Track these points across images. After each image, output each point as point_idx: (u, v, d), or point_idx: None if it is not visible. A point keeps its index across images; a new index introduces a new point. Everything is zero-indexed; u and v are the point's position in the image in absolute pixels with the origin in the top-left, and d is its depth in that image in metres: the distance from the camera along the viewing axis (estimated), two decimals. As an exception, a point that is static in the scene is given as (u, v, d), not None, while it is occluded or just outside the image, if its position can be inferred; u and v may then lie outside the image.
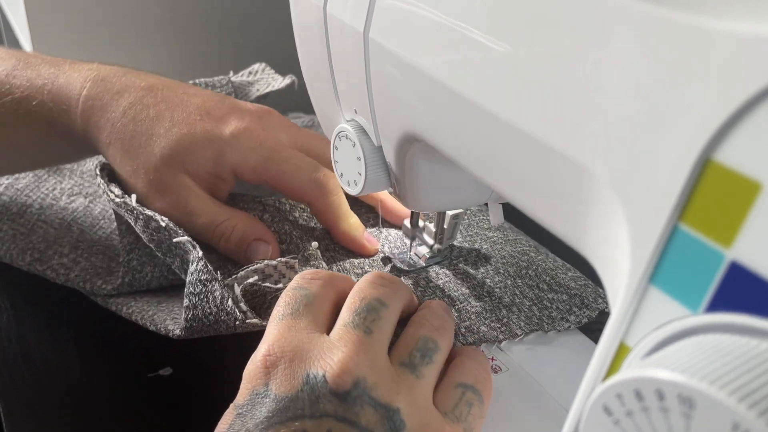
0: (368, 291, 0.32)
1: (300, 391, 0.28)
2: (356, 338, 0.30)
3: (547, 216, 0.24)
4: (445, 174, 0.35)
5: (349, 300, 0.32)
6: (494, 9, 0.23)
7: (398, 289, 0.34)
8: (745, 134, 0.16)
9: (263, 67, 0.59)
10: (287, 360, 0.29)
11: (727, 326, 0.16)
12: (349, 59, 0.32)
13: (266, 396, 0.28)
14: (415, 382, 0.30)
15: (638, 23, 0.18)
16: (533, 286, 0.42)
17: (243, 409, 0.28)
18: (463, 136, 0.26)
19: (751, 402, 0.14)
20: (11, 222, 0.46)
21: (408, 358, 0.31)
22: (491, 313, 0.39)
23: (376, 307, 0.32)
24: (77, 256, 0.44)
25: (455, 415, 0.30)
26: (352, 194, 0.37)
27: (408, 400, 0.29)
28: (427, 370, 0.31)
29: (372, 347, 0.30)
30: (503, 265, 0.44)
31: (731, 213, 0.16)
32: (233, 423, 0.28)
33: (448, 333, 0.34)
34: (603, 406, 0.17)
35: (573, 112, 0.20)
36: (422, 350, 0.31)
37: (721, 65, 0.16)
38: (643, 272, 0.18)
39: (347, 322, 0.31)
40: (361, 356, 0.29)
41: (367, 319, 0.31)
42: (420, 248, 0.44)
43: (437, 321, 0.34)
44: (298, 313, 0.31)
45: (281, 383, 0.28)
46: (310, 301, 0.32)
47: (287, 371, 0.28)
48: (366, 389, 0.28)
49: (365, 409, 0.28)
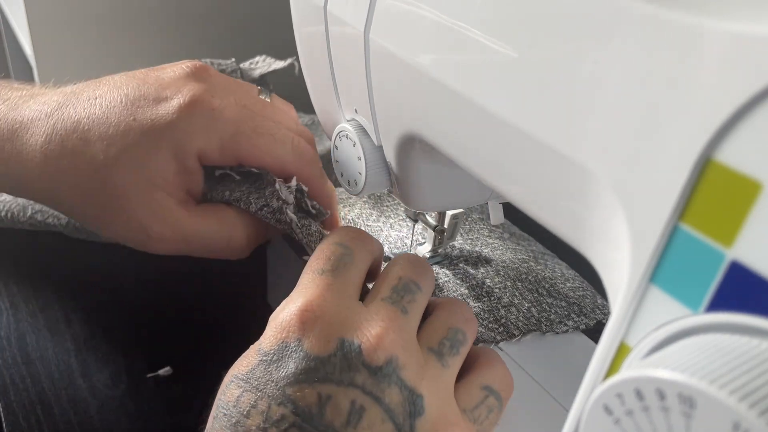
0: (407, 271, 0.32)
1: (333, 355, 0.27)
2: (393, 315, 0.30)
3: (547, 216, 0.24)
4: (445, 174, 0.35)
5: (387, 275, 0.32)
6: (494, 9, 0.23)
7: (430, 276, 0.33)
8: (745, 134, 0.16)
9: (264, 58, 0.60)
10: (325, 321, 0.28)
11: (727, 326, 0.16)
12: (349, 59, 0.32)
13: (297, 351, 0.27)
14: (441, 371, 0.30)
15: (638, 23, 0.18)
16: (532, 290, 0.42)
17: (269, 357, 0.28)
18: (464, 136, 0.26)
19: (751, 401, 0.14)
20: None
21: (437, 346, 0.30)
22: (490, 314, 0.39)
23: (413, 290, 0.31)
24: None
25: (473, 416, 0.30)
26: (353, 194, 0.37)
27: (432, 388, 0.29)
28: (453, 361, 0.31)
29: (407, 327, 0.30)
30: (503, 269, 0.44)
31: (731, 213, 0.16)
32: (255, 368, 0.28)
33: (474, 325, 0.33)
34: (603, 405, 0.17)
35: (573, 112, 0.20)
36: (452, 340, 0.31)
37: (721, 65, 0.16)
38: (644, 272, 0.18)
39: (385, 297, 0.31)
40: (397, 334, 0.29)
41: (405, 298, 0.31)
42: (420, 248, 0.44)
43: (466, 312, 0.33)
44: (338, 271, 0.31)
45: (315, 342, 0.28)
46: (349, 262, 0.31)
47: (323, 332, 0.28)
48: (397, 368, 0.28)
49: (392, 387, 0.28)
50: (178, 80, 0.36)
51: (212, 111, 0.35)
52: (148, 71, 0.37)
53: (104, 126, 0.34)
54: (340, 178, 0.38)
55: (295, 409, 0.26)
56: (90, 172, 0.34)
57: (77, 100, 0.35)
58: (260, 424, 0.26)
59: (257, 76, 0.57)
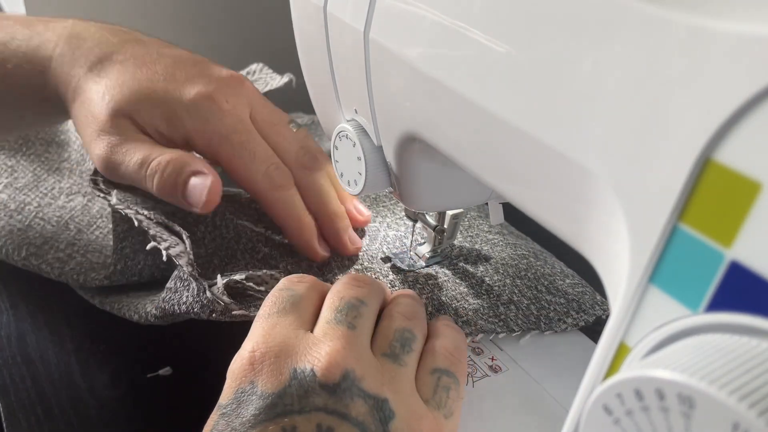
0: (346, 291, 0.33)
1: (288, 386, 0.27)
2: (341, 333, 0.30)
3: (547, 216, 0.24)
4: (445, 174, 0.35)
5: (328, 300, 0.33)
6: (494, 9, 0.23)
7: (374, 289, 0.34)
8: (745, 134, 0.16)
9: (261, 67, 0.59)
10: (273, 355, 0.29)
11: (727, 326, 0.16)
12: (349, 59, 0.32)
13: (252, 393, 0.28)
14: (399, 371, 0.30)
15: (638, 23, 0.18)
16: (531, 287, 0.42)
17: (227, 408, 0.28)
18: (463, 136, 0.26)
19: (751, 401, 0.14)
20: (8, 218, 0.46)
21: (389, 349, 0.31)
22: (489, 310, 0.39)
23: (356, 305, 0.32)
24: (73, 252, 0.44)
25: (436, 402, 0.30)
26: (353, 194, 0.37)
27: (394, 390, 0.29)
28: (409, 358, 0.31)
29: (356, 341, 0.30)
30: (503, 266, 0.44)
31: (731, 213, 0.16)
32: (217, 423, 0.27)
33: (420, 321, 0.34)
34: (603, 405, 0.17)
35: (573, 112, 0.20)
36: (401, 340, 0.32)
37: (721, 65, 0.16)
38: (643, 272, 0.18)
39: (329, 320, 0.31)
40: (347, 349, 0.29)
41: (349, 315, 0.31)
42: (420, 248, 0.44)
43: (408, 311, 0.34)
44: (285, 311, 0.31)
45: (267, 379, 0.28)
46: (296, 301, 0.32)
47: (273, 367, 0.28)
48: (355, 381, 0.28)
49: (355, 400, 0.28)
50: (213, 77, 0.41)
51: (219, 110, 0.39)
52: (203, 61, 0.43)
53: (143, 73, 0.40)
54: (340, 179, 0.38)
55: None
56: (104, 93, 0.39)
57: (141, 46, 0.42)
58: None
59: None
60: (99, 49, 0.41)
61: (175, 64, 0.41)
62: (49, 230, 0.46)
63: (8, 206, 0.47)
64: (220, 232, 0.43)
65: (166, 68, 0.41)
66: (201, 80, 0.40)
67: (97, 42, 0.41)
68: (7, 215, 0.47)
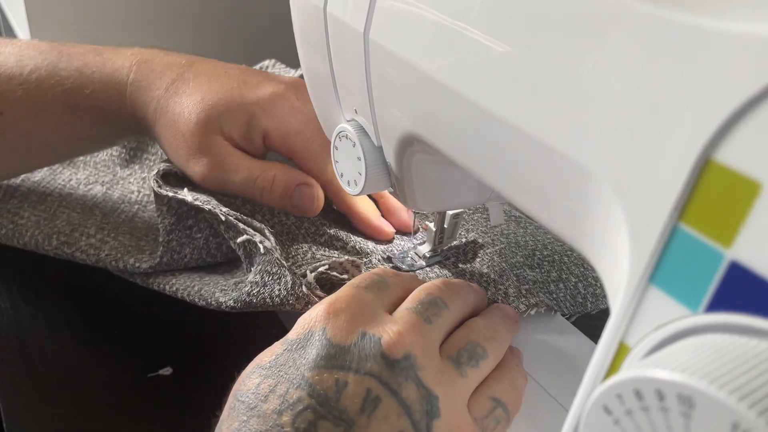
0: (434, 289, 0.33)
1: (354, 344, 0.29)
2: (416, 321, 0.31)
3: (547, 216, 0.24)
4: (445, 174, 0.35)
5: (415, 292, 0.33)
6: (494, 9, 0.23)
7: (462, 297, 0.34)
8: (745, 134, 0.16)
9: (273, 63, 0.59)
10: (350, 313, 0.30)
11: (727, 326, 0.16)
12: (349, 59, 0.32)
13: (320, 339, 0.29)
14: (458, 379, 0.30)
15: (638, 23, 0.18)
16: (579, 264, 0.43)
17: (294, 345, 0.29)
18: (463, 136, 0.26)
19: (751, 401, 0.14)
20: (32, 209, 0.46)
21: (455, 355, 0.31)
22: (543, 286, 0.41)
23: (439, 305, 0.32)
24: (104, 236, 0.44)
25: (482, 425, 0.31)
26: (352, 194, 0.37)
27: (447, 393, 0.29)
28: (472, 372, 0.31)
29: (428, 334, 0.31)
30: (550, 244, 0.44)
31: (731, 213, 0.16)
32: (279, 356, 0.29)
33: (499, 344, 0.33)
34: (603, 405, 0.17)
35: (573, 112, 0.20)
36: (470, 352, 0.32)
37: (721, 65, 0.16)
38: (643, 272, 0.18)
39: (410, 308, 0.32)
40: (417, 336, 0.30)
41: (429, 310, 0.32)
42: (420, 248, 0.44)
43: (490, 331, 0.33)
44: (371, 288, 0.33)
45: (338, 331, 0.29)
46: (384, 286, 0.33)
47: (347, 323, 0.29)
48: (414, 366, 0.29)
49: (409, 383, 0.28)
50: (280, 80, 0.45)
51: (292, 107, 0.43)
52: (263, 71, 0.47)
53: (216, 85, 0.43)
54: (340, 179, 0.38)
55: (312, 392, 0.27)
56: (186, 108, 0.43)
57: (207, 63, 0.46)
58: (277, 407, 0.27)
59: None
60: (170, 71, 0.44)
61: (242, 74, 0.45)
62: (76, 217, 0.46)
63: (29, 197, 0.47)
64: (279, 219, 0.45)
65: (237, 77, 0.44)
66: (270, 83, 0.44)
67: (166, 65, 0.45)
68: (31, 206, 0.47)
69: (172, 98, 0.43)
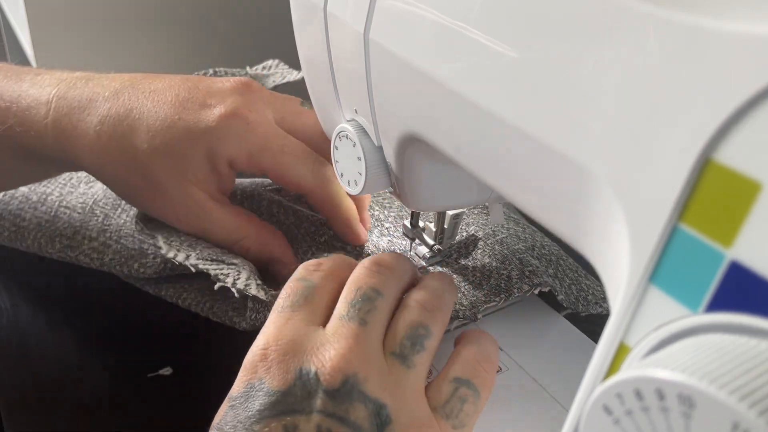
0: (364, 279, 0.32)
1: (293, 385, 0.28)
2: (350, 331, 0.30)
3: (547, 216, 0.24)
4: (445, 174, 0.35)
5: (345, 290, 0.32)
6: (494, 9, 0.23)
7: (395, 274, 0.34)
8: (745, 134, 0.16)
9: (277, 63, 0.59)
10: (282, 353, 0.29)
11: (727, 326, 0.16)
12: (349, 59, 0.32)
13: (260, 389, 0.28)
14: (405, 375, 0.30)
15: (638, 23, 0.18)
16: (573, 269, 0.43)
17: (236, 401, 0.28)
18: (463, 136, 0.26)
19: (751, 401, 0.14)
20: (33, 210, 0.46)
21: (398, 348, 0.31)
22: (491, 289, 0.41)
23: (372, 297, 0.32)
24: (107, 239, 0.44)
25: (445, 412, 0.30)
26: (353, 194, 0.37)
27: (396, 395, 0.29)
28: (419, 358, 0.31)
29: (366, 338, 0.30)
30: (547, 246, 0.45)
31: (731, 213, 0.16)
32: (225, 415, 0.28)
33: (441, 313, 0.33)
34: (603, 405, 0.17)
35: (573, 112, 0.20)
36: (412, 338, 0.31)
37: (721, 65, 0.16)
38: (643, 272, 0.18)
39: (342, 315, 0.31)
40: (353, 351, 0.29)
41: (362, 310, 0.31)
42: (420, 248, 0.44)
43: (429, 300, 0.33)
44: (298, 305, 0.31)
45: (274, 377, 0.28)
46: (310, 293, 0.32)
47: (281, 365, 0.29)
48: (357, 384, 0.28)
49: (355, 405, 0.28)
50: (224, 92, 0.40)
51: (247, 124, 0.39)
52: (201, 79, 0.41)
53: (153, 118, 0.38)
54: (340, 179, 0.38)
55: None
56: (133, 156, 0.38)
57: (134, 90, 0.40)
58: None
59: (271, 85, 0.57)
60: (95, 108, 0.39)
61: (177, 97, 0.39)
62: (77, 218, 0.46)
63: (30, 198, 0.47)
64: (278, 218, 0.45)
65: (173, 105, 0.39)
66: (215, 99, 0.39)
67: (89, 100, 0.39)
68: (32, 208, 0.46)
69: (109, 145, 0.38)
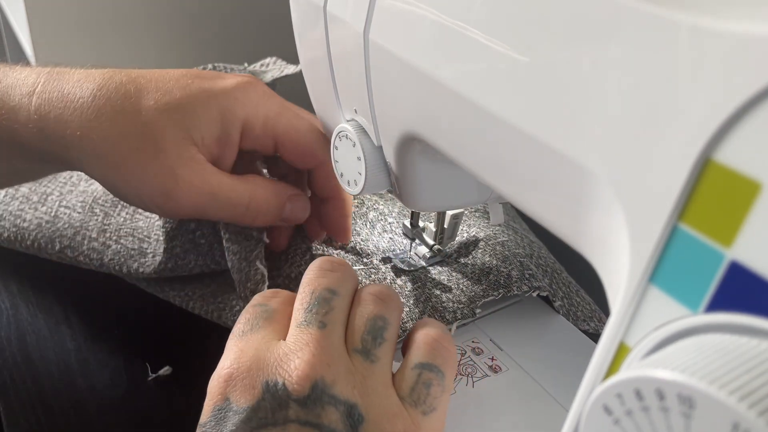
0: (317, 281, 0.32)
1: (261, 399, 0.28)
2: (311, 337, 0.30)
3: (547, 216, 0.24)
4: (445, 174, 0.35)
5: (299, 296, 0.32)
6: (494, 9, 0.23)
7: (347, 271, 0.34)
8: (745, 134, 0.16)
9: (275, 60, 0.59)
10: (245, 370, 0.29)
11: (727, 326, 0.16)
12: (349, 59, 0.32)
13: (228, 410, 0.28)
14: (371, 369, 0.30)
15: (637, 23, 0.18)
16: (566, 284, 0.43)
17: (207, 426, 0.28)
18: (463, 136, 0.26)
19: (751, 401, 0.14)
20: (34, 210, 0.46)
21: (361, 344, 0.31)
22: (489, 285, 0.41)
23: (327, 298, 0.32)
24: (107, 239, 0.44)
25: (413, 399, 0.30)
26: (353, 194, 0.37)
27: (365, 391, 0.29)
28: (381, 351, 0.31)
29: (328, 341, 0.30)
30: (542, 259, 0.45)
31: (731, 213, 0.16)
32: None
33: (394, 302, 0.33)
34: (603, 405, 0.17)
35: (573, 112, 0.20)
36: (372, 332, 0.31)
37: (721, 65, 0.16)
38: (643, 272, 0.18)
39: (300, 322, 0.31)
40: (317, 357, 0.29)
41: (319, 312, 0.31)
42: (420, 248, 0.44)
43: (381, 291, 0.33)
44: (258, 327, 0.31)
45: (241, 394, 0.28)
46: (269, 315, 0.32)
47: (246, 382, 0.29)
48: (325, 389, 0.28)
49: (326, 409, 0.28)
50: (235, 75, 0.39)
51: (264, 92, 0.39)
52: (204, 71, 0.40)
53: (163, 81, 0.36)
54: (340, 179, 0.38)
55: None
56: (134, 113, 0.35)
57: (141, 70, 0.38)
58: None
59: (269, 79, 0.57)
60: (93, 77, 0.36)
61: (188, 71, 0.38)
62: (77, 218, 0.46)
63: (31, 199, 0.47)
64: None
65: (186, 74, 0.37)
66: (228, 75, 0.39)
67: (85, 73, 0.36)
68: (32, 208, 0.46)
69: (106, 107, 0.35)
